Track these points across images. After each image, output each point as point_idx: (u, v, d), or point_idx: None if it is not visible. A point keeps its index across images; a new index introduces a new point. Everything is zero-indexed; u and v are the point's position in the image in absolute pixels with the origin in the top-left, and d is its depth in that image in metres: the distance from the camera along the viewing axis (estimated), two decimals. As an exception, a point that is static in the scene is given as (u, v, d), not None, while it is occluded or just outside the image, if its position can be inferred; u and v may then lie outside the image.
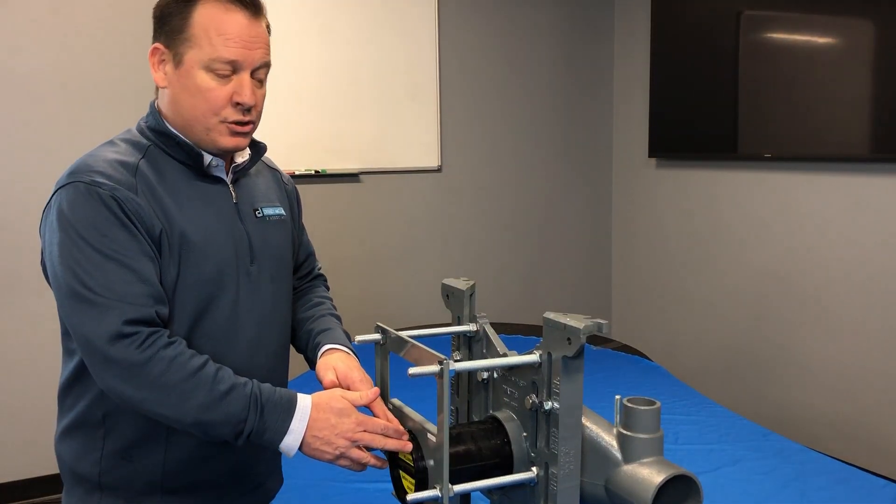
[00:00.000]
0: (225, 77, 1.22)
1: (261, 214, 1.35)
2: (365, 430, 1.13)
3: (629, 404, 0.90)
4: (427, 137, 3.84)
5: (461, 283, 1.11)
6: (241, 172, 1.35)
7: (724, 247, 3.75)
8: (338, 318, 1.49)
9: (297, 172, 3.54)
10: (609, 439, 0.91)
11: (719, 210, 3.75)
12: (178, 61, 1.23)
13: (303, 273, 1.56)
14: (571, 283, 4.34)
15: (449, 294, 1.12)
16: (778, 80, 3.31)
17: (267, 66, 1.29)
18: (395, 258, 3.84)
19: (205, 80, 1.21)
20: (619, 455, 0.90)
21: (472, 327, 1.08)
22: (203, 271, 1.22)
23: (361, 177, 3.72)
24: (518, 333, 3.09)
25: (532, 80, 4.10)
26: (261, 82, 1.29)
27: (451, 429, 0.95)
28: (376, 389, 1.20)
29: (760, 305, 3.58)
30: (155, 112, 1.27)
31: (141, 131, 1.27)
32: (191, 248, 1.21)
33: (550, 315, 0.89)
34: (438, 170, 3.90)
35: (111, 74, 3.15)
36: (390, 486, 1.07)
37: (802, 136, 3.24)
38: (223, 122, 1.23)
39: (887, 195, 3.04)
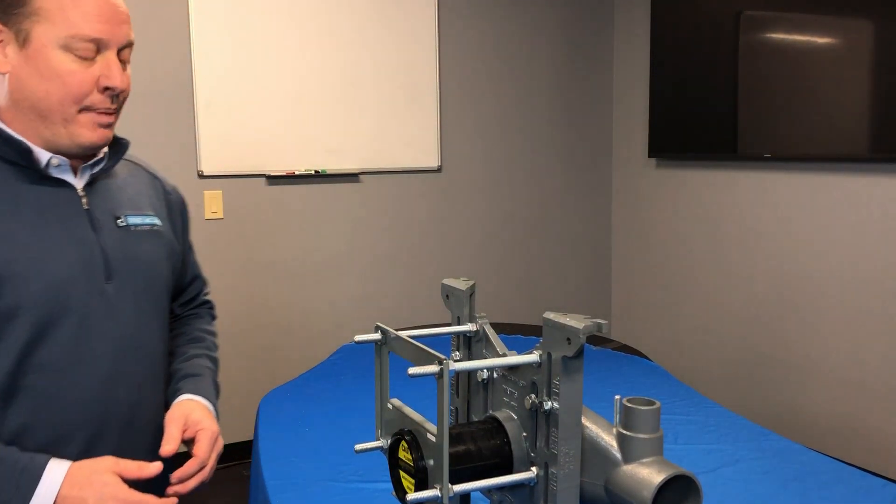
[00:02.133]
0: (87, 59, 1.05)
1: (124, 223, 1.16)
2: None
3: (629, 404, 0.90)
4: (427, 137, 3.84)
5: (461, 283, 1.10)
6: (99, 174, 1.16)
7: (723, 247, 3.75)
8: (215, 360, 1.33)
9: (296, 172, 3.54)
10: (609, 439, 0.91)
11: (719, 210, 3.75)
12: (23, 40, 1.03)
13: (186, 299, 1.39)
14: (571, 283, 4.34)
15: (449, 294, 1.12)
16: (778, 80, 3.31)
17: (131, 45, 1.11)
18: (395, 258, 3.84)
19: (63, 61, 1.03)
20: (618, 455, 0.90)
21: (471, 327, 1.08)
22: (30, 293, 1.03)
23: (361, 177, 3.72)
24: (518, 333, 3.08)
25: (532, 80, 4.10)
26: (125, 63, 1.11)
27: (450, 429, 0.95)
28: (159, 465, 1.05)
29: (760, 305, 3.58)
30: None
31: None
32: (11, 267, 1.02)
33: (550, 315, 0.89)
34: (438, 170, 3.90)
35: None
36: (390, 486, 1.07)
37: (802, 136, 3.24)
38: (86, 110, 1.07)
39: (887, 195, 3.04)
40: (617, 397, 0.92)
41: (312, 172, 3.58)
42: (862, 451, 3.18)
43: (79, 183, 1.13)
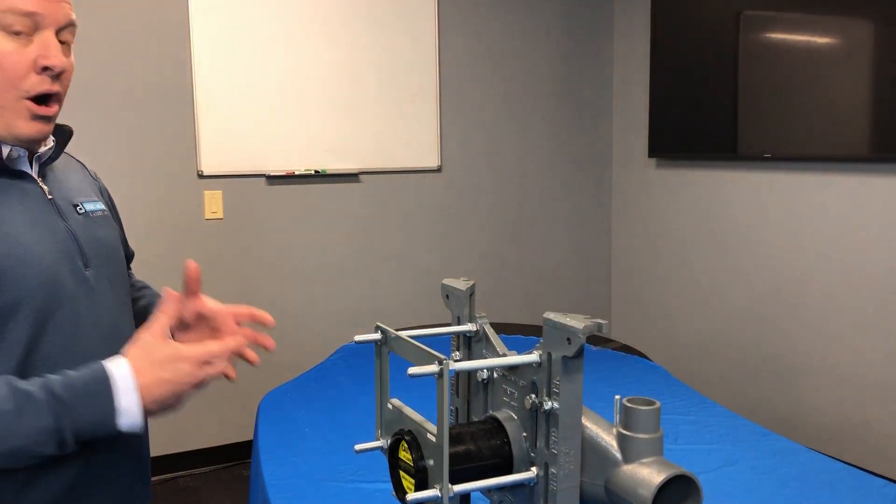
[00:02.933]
0: (23, 36, 0.98)
1: (83, 211, 1.14)
2: (207, 363, 1.02)
3: (629, 404, 0.90)
4: (427, 137, 3.84)
5: (461, 283, 1.10)
6: (46, 165, 1.12)
7: (723, 247, 3.75)
8: None
9: (296, 172, 3.54)
10: (609, 439, 0.91)
11: (719, 210, 3.75)
12: None
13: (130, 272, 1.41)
14: (571, 283, 4.34)
15: (449, 294, 1.12)
16: (778, 80, 3.31)
17: (74, 26, 1.05)
18: (395, 258, 3.84)
19: None
20: (618, 455, 0.90)
21: (471, 327, 1.08)
22: (28, 286, 1.00)
23: (361, 177, 3.72)
24: (518, 333, 3.08)
25: (532, 80, 4.10)
26: (68, 48, 1.05)
27: (450, 429, 0.95)
28: (175, 295, 1.07)
29: (760, 305, 3.58)
30: None
31: None
32: (4, 262, 0.99)
33: (550, 315, 0.89)
34: (438, 170, 3.90)
35: (111, 75, 3.15)
36: (390, 486, 1.07)
37: (802, 136, 3.24)
38: (24, 97, 1.00)
39: (887, 195, 3.04)
40: (617, 397, 0.92)
41: (312, 172, 3.58)
42: (862, 451, 3.18)
43: (34, 173, 1.10)
